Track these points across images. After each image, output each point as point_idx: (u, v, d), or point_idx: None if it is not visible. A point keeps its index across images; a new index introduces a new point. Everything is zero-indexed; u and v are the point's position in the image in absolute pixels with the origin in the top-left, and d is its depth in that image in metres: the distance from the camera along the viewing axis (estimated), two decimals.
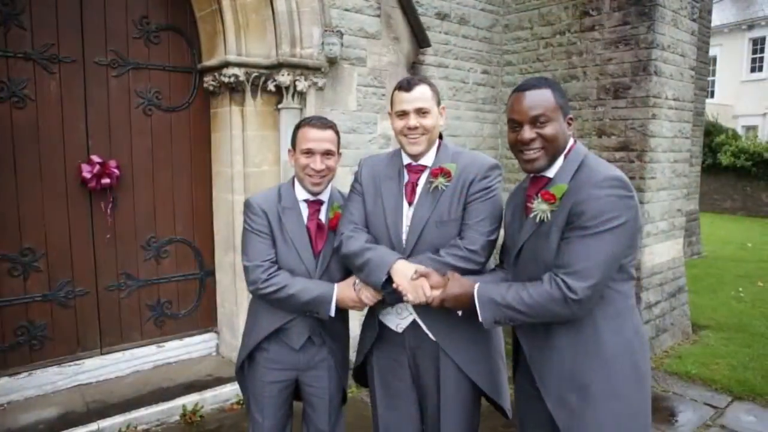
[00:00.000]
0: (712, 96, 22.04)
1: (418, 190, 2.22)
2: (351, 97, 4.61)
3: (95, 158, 3.96)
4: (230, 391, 4.06)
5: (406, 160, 2.27)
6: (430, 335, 2.20)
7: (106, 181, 3.99)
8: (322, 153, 2.28)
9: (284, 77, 4.11)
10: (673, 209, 5.56)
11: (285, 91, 4.18)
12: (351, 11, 4.53)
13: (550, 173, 1.91)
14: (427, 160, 2.24)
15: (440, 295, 1.97)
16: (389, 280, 2.07)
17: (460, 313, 2.05)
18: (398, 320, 2.26)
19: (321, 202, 2.40)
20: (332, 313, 2.26)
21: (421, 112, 2.15)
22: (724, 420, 4.00)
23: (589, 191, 1.74)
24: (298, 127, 2.36)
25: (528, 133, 1.85)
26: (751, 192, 16.70)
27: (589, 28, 5.31)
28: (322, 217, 2.39)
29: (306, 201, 2.38)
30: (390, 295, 2.12)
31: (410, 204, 2.21)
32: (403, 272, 2.04)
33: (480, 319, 1.90)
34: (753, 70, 22.20)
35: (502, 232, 2.18)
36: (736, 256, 10.12)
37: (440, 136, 2.31)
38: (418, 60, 5.19)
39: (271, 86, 4.18)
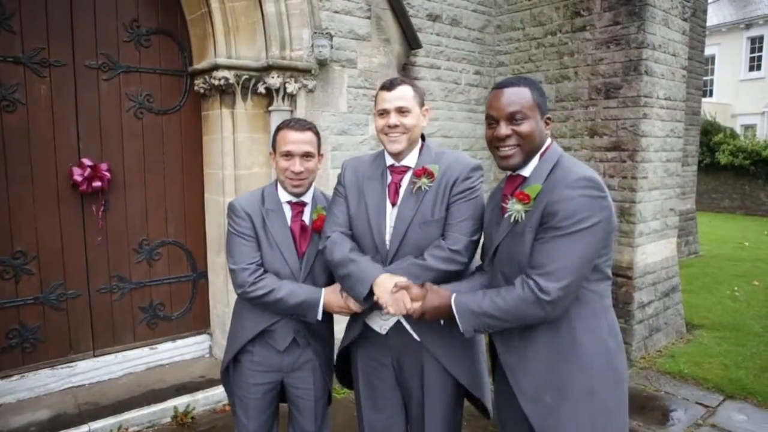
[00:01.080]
0: (711, 95, 22.06)
1: (402, 190, 2.23)
2: (341, 98, 4.62)
3: (86, 161, 3.98)
4: (222, 392, 4.05)
5: (389, 162, 2.28)
6: (415, 336, 2.21)
7: (97, 184, 4.01)
8: (301, 155, 2.28)
9: (274, 79, 4.13)
10: (666, 209, 5.56)
11: (275, 94, 4.20)
12: (341, 13, 4.54)
13: (526, 172, 1.92)
14: (410, 160, 2.25)
15: (420, 308, 2.00)
16: (371, 292, 2.09)
17: (442, 322, 2.07)
18: (382, 321, 2.27)
19: (304, 204, 2.41)
20: (319, 317, 2.28)
21: (402, 111, 2.17)
22: (716, 419, 4.00)
23: (562, 191, 1.75)
24: (277, 130, 2.37)
25: (504, 129, 1.86)
26: (750, 191, 16.68)
27: (580, 29, 5.32)
28: (306, 218, 2.40)
29: (289, 203, 2.39)
30: (372, 305, 2.15)
31: (393, 205, 2.23)
32: (385, 286, 2.06)
33: (461, 329, 1.93)
34: (751, 69, 22.20)
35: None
36: (733, 255, 10.11)
37: (423, 138, 2.32)
38: (410, 61, 5.20)
39: (261, 89, 4.20)
